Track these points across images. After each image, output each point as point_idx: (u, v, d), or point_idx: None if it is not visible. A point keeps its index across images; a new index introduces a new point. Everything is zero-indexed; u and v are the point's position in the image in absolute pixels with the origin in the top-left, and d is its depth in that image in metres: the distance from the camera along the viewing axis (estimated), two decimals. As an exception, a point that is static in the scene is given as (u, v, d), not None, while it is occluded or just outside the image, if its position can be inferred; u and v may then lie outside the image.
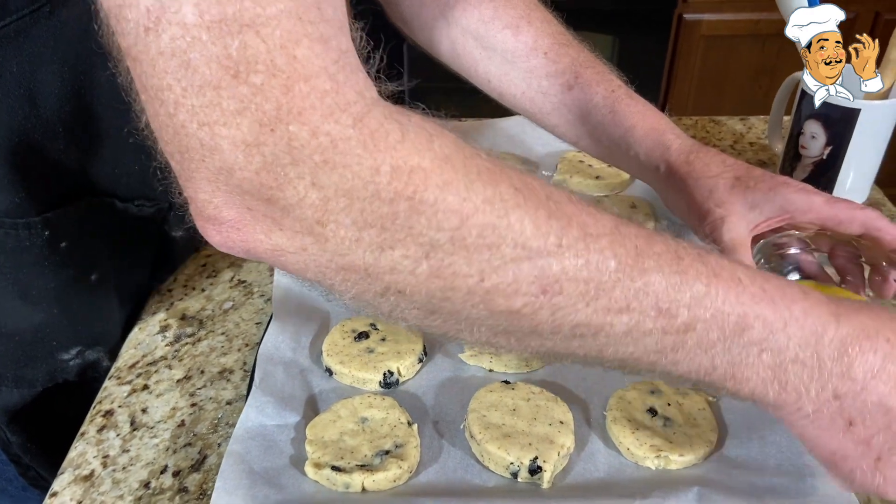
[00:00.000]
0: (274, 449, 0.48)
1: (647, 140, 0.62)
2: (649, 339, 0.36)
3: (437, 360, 0.57)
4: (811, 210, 0.54)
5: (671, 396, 0.51)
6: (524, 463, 0.47)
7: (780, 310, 0.37)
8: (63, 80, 0.49)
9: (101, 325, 0.62)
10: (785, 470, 0.46)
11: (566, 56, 0.67)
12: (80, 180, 0.54)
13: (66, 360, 0.61)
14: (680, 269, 0.35)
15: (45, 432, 0.63)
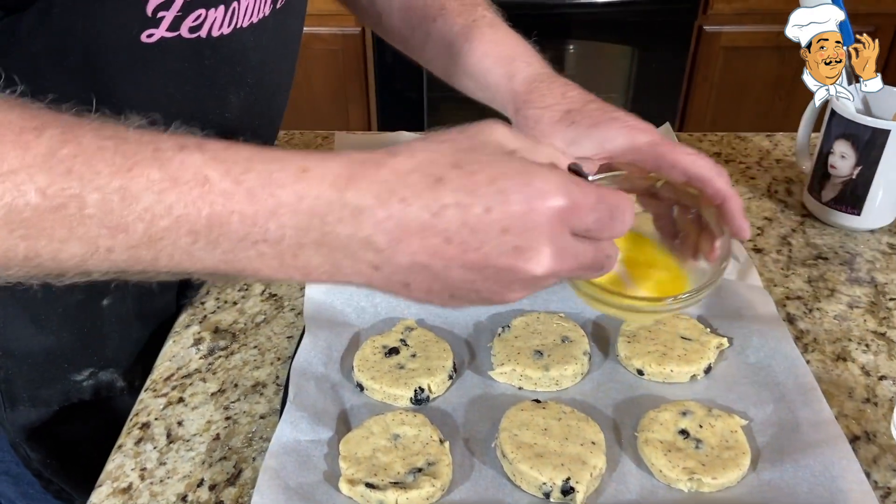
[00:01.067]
0: (308, 464, 0.49)
1: (496, 68, 0.60)
2: (118, 255, 0.36)
3: (466, 376, 0.57)
4: (632, 150, 0.51)
5: (703, 418, 0.51)
6: (556, 483, 0.47)
7: (262, 200, 0.36)
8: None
9: (113, 347, 0.62)
10: (818, 494, 0.46)
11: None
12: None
13: (79, 380, 0.62)
14: (124, 185, 0.35)
15: (64, 449, 0.65)
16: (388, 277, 0.37)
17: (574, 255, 0.38)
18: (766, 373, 0.55)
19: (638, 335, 0.58)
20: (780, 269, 0.68)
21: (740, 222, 0.50)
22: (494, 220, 0.35)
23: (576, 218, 0.37)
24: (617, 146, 0.51)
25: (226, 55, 0.55)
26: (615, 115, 0.53)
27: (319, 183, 0.36)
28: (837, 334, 0.60)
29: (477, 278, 0.37)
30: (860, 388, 0.56)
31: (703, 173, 0.49)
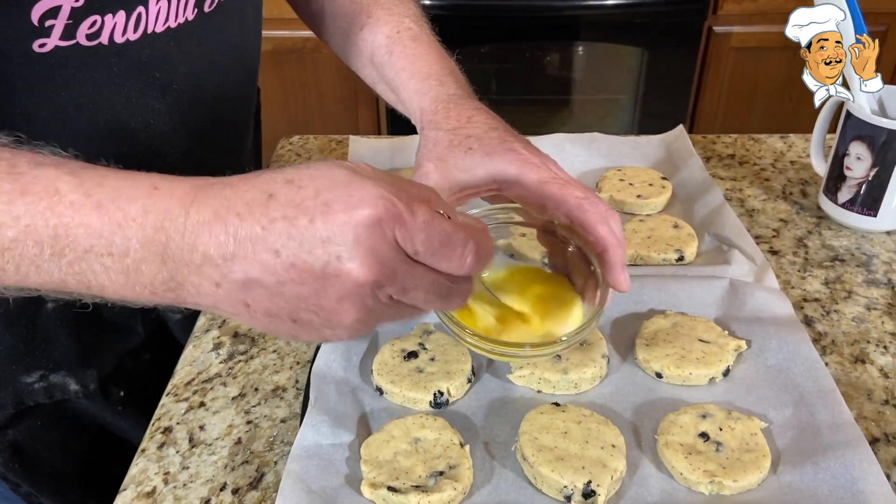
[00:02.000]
0: (330, 468, 0.49)
1: (411, 83, 0.60)
2: None
3: (485, 380, 0.57)
4: (518, 185, 0.51)
5: (723, 421, 0.51)
6: (578, 486, 0.47)
7: (110, 213, 0.37)
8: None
9: (62, 350, 0.62)
10: (838, 496, 0.46)
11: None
12: None
13: (30, 382, 0.62)
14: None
15: (26, 452, 0.65)
16: (229, 295, 0.38)
17: (405, 273, 0.38)
18: (785, 375, 0.55)
19: (656, 338, 0.58)
20: (797, 271, 0.68)
21: (616, 274, 0.49)
22: (318, 230, 0.36)
23: (401, 234, 0.37)
24: (507, 178, 0.51)
25: (137, 61, 0.54)
26: (513, 147, 0.52)
27: (167, 199, 0.37)
28: (855, 336, 0.60)
29: (309, 294, 0.37)
30: (879, 389, 0.56)
31: (587, 218, 0.49)
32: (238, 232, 0.37)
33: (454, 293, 0.41)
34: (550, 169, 0.51)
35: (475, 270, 0.40)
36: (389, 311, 0.40)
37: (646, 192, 0.76)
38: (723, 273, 0.64)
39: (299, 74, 1.93)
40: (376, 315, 0.39)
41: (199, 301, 0.39)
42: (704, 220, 0.72)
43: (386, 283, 0.38)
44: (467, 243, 0.39)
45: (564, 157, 0.83)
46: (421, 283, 0.39)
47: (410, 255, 0.38)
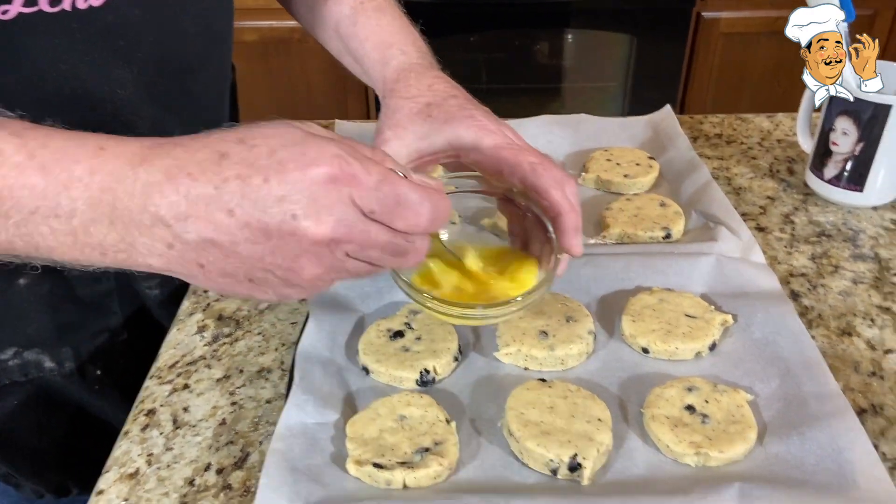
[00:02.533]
0: (315, 447, 0.49)
1: (373, 53, 0.61)
2: None
3: (471, 358, 0.57)
4: (476, 150, 0.51)
5: (709, 394, 0.51)
6: (564, 460, 0.47)
7: (55, 174, 0.36)
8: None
9: (36, 327, 0.62)
10: (825, 466, 0.46)
11: None
12: None
13: (5, 360, 0.62)
14: None
15: (3, 431, 0.64)
16: (183, 256, 0.38)
17: (361, 231, 0.38)
18: (771, 348, 0.55)
19: (643, 314, 0.58)
20: (784, 246, 0.68)
21: (569, 239, 0.50)
22: (272, 188, 0.36)
23: (356, 192, 0.37)
24: (464, 144, 0.52)
25: (101, 28, 0.53)
26: (471, 114, 0.53)
27: (115, 159, 0.37)
28: (842, 310, 0.60)
29: (265, 253, 0.37)
30: (866, 362, 0.56)
31: (540, 183, 0.49)
32: (190, 192, 0.36)
33: (410, 251, 0.41)
34: (507, 135, 0.52)
35: (431, 229, 0.40)
36: (346, 269, 0.40)
37: (633, 172, 0.76)
38: (709, 249, 0.64)
39: (287, 65, 1.92)
40: (333, 272, 0.39)
41: (150, 262, 0.38)
42: (691, 198, 0.72)
43: (342, 241, 0.38)
44: (423, 202, 0.39)
45: (552, 140, 0.83)
46: (377, 241, 0.39)
47: (366, 214, 0.38)
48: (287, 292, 0.40)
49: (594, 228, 0.71)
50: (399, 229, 0.39)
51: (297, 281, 0.39)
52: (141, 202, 0.36)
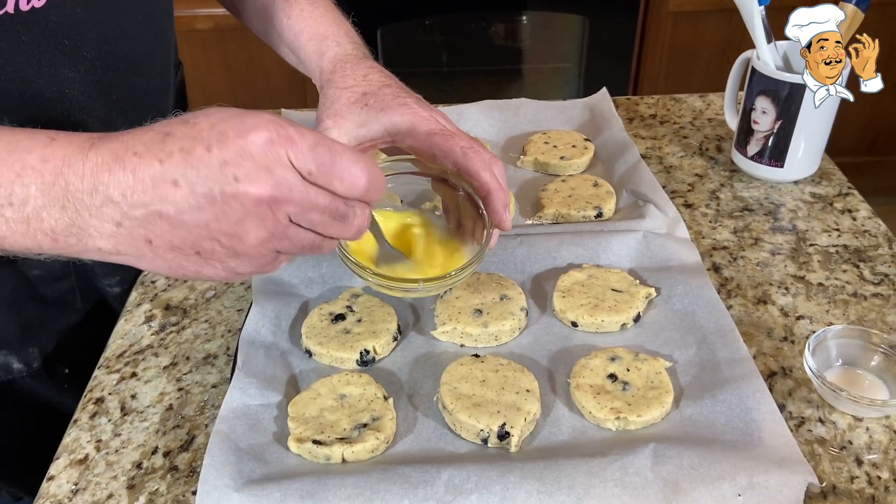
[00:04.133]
0: (258, 427, 0.51)
1: (309, 45, 0.64)
2: None
3: (411, 337, 0.60)
4: (410, 136, 0.55)
5: (630, 362, 0.55)
6: (493, 429, 0.50)
7: (8, 164, 0.39)
8: None
9: (0, 329, 0.63)
10: (733, 425, 0.50)
11: None
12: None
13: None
14: None
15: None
16: (131, 233, 0.39)
17: (301, 192, 0.40)
18: (690, 318, 0.58)
19: (572, 290, 0.61)
20: (709, 222, 0.71)
21: (500, 216, 0.54)
22: (214, 156, 0.38)
23: (293, 153, 0.39)
24: (399, 131, 0.55)
25: (45, 28, 0.54)
26: (404, 102, 0.56)
27: (66, 147, 0.39)
28: (759, 279, 0.64)
29: (210, 219, 0.39)
30: (778, 327, 0.59)
31: (471, 165, 0.53)
32: (137, 169, 0.38)
33: (350, 216, 0.43)
34: (439, 121, 0.55)
35: (368, 194, 0.42)
36: (289, 236, 0.41)
37: (569, 154, 0.79)
38: (637, 226, 0.67)
39: (244, 52, 1.91)
40: (277, 239, 0.41)
41: (101, 245, 0.40)
42: (622, 177, 0.75)
43: (283, 202, 0.39)
44: (358, 163, 0.41)
45: (493, 123, 0.86)
46: (317, 202, 0.41)
47: (305, 176, 0.40)
48: (234, 264, 0.42)
49: (531, 209, 0.73)
50: (338, 192, 0.41)
51: (243, 248, 0.40)
52: (91, 183, 0.38)
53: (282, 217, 0.40)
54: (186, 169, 0.38)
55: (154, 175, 0.38)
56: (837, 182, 0.76)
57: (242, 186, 0.38)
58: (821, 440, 0.50)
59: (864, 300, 0.62)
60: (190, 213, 0.39)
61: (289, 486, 0.46)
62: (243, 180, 0.38)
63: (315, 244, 0.44)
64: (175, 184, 0.38)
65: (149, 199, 0.38)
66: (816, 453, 0.50)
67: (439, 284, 0.54)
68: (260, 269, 0.43)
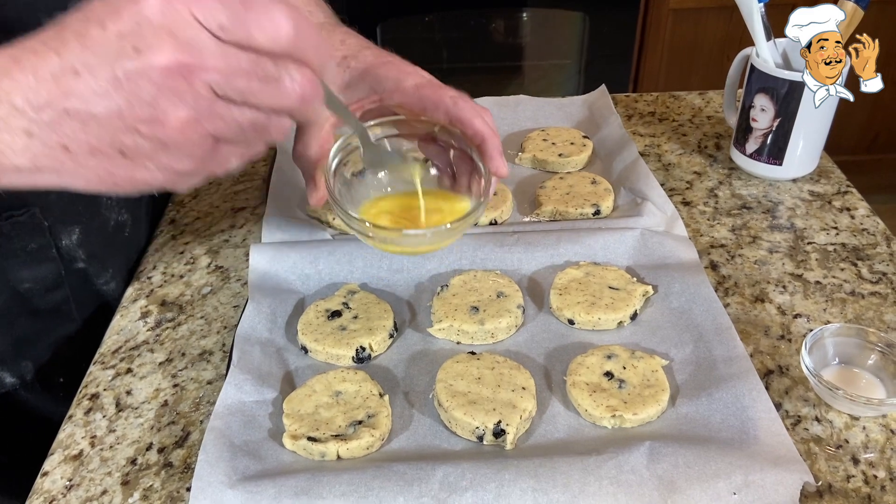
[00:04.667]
0: (253, 423, 0.51)
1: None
2: None
3: (407, 335, 0.60)
4: (399, 91, 0.54)
5: (627, 360, 0.55)
6: (489, 427, 0.50)
7: None
8: None
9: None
10: (729, 423, 0.50)
11: None
12: None
13: None
14: None
15: None
16: (45, 142, 0.36)
17: (214, 53, 0.35)
18: (686, 316, 0.58)
19: (569, 287, 0.61)
20: (707, 219, 0.71)
21: (496, 162, 0.53)
22: (109, 32, 0.35)
23: (198, 8, 0.35)
24: (386, 88, 0.54)
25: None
26: (388, 60, 0.55)
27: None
28: (757, 277, 0.64)
29: (121, 105, 0.35)
30: (776, 326, 0.59)
31: (462, 114, 0.52)
32: (37, 69, 0.35)
33: (285, 79, 0.38)
34: (424, 76, 0.55)
35: (299, 48, 0.38)
36: (222, 114, 0.37)
37: (567, 151, 0.79)
38: (635, 224, 0.67)
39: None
40: (206, 117, 0.37)
41: (17, 162, 0.37)
42: (621, 175, 0.75)
43: (196, 68, 0.35)
44: (275, 7, 0.36)
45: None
46: (238, 65, 0.36)
47: (216, 33, 0.35)
48: (167, 160, 0.37)
49: (529, 206, 0.73)
50: (261, 46, 0.36)
51: (168, 135, 0.36)
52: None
53: (201, 88, 0.36)
54: (84, 53, 0.35)
55: (53, 69, 0.35)
56: (836, 180, 0.76)
57: (144, 58, 0.34)
58: (817, 439, 0.50)
59: (862, 299, 0.61)
60: (98, 103, 0.35)
61: (283, 483, 0.46)
62: (144, 50, 0.34)
63: (258, 124, 0.39)
64: (76, 74, 0.35)
65: (52, 96, 0.35)
66: (813, 452, 0.49)
67: (449, 231, 0.51)
68: (201, 163, 0.39)
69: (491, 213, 0.70)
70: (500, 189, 0.73)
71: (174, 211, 0.75)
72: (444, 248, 0.61)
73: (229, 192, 0.78)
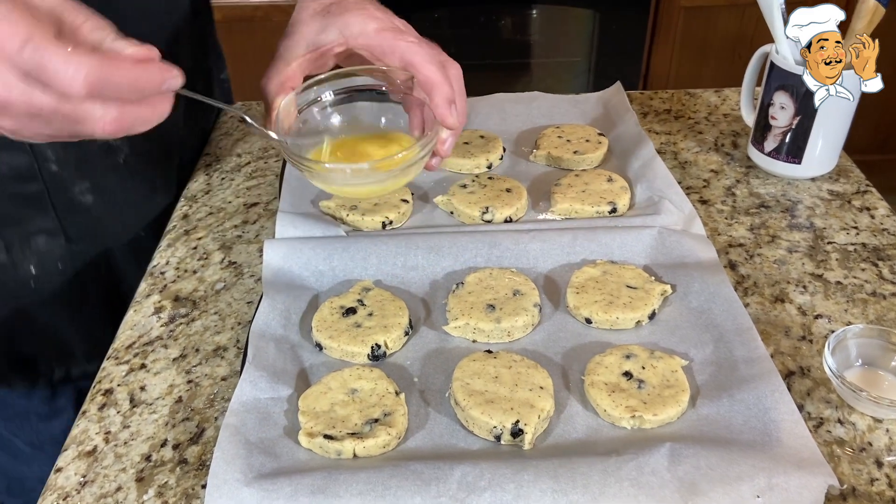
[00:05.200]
0: (268, 420, 0.51)
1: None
2: None
3: (422, 332, 0.59)
4: (361, 35, 0.56)
5: (646, 360, 0.54)
6: (506, 426, 0.49)
7: None
8: None
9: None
10: (751, 425, 0.49)
11: None
12: None
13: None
14: None
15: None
16: None
17: (21, 94, 0.39)
18: (706, 316, 0.58)
19: (586, 286, 0.60)
20: (724, 218, 0.70)
21: (441, 110, 0.56)
22: None
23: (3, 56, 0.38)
24: (353, 32, 0.57)
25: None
26: (363, 6, 0.58)
27: None
28: (776, 277, 0.63)
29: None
30: (796, 326, 0.59)
31: (415, 60, 0.55)
32: None
33: (89, 120, 0.41)
34: (393, 22, 0.57)
35: (98, 89, 0.40)
36: (38, 130, 0.41)
37: (582, 148, 0.78)
38: (652, 222, 0.66)
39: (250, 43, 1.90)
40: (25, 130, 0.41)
41: None
42: (637, 173, 0.74)
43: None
44: (70, 62, 0.39)
45: (505, 118, 0.85)
46: (40, 106, 0.39)
47: (23, 76, 0.39)
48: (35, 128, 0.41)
49: (544, 204, 0.73)
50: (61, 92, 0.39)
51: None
52: None
53: (6, 123, 0.40)
54: None
55: None
56: (855, 179, 0.75)
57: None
58: (840, 441, 0.50)
59: (884, 299, 0.61)
60: None
61: (300, 481, 0.45)
62: None
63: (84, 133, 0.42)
64: None
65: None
66: (835, 454, 0.49)
67: (369, 171, 0.56)
68: (56, 132, 0.42)
69: (506, 210, 0.69)
70: (514, 186, 0.72)
71: (186, 206, 0.75)
72: (390, 192, 0.65)
73: (242, 187, 0.77)
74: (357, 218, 0.69)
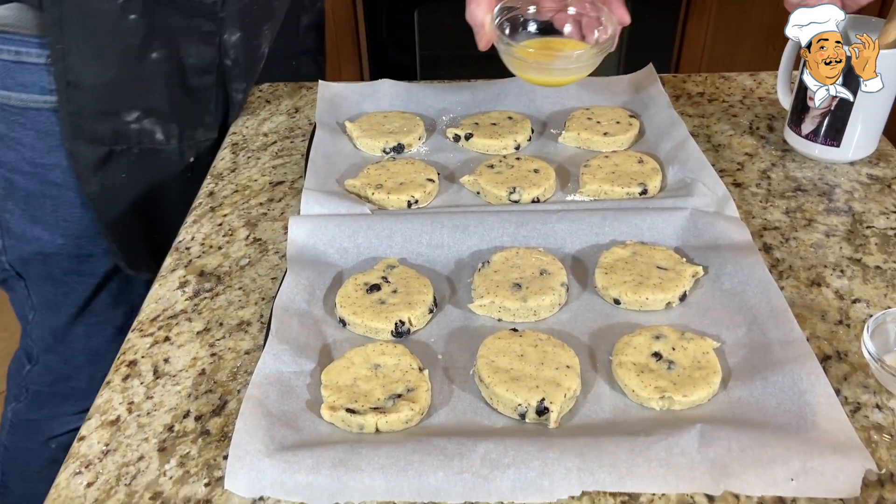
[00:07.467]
0: (291, 393, 0.50)
1: None
2: None
3: (447, 310, 0.58)
4: None
5: (676, 341, 0.52)
6: (531, 404, 0.48)
7: None
8: None
9: (156, 99, 0.76)
10: (786, 408, 0.48)
11: None
12: None
13: (128, 122, 0.76)
14: None
15: (115, 189, 0.80)
16: None
17: None
18: (739, 298, 0.56)
19: (615, 266, 0.59)
20: (759, 201, 0.69)
21: (618, 8, 0.68)
22: None
23: None
24: None
25: None
26: None
27: None
28: (813, 261, 0.61)
29: None
30: (833, 310, 0.57)
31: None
32: None
33: None
34: None
35: None
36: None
37: (612, 130, 0.76)
38: (684, 204, 0.64)
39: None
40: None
41: None
42: (669, 154, 0.72)
43: None
44: None
45: (534, 99, 0.84)
46: None
47: None
48: None
49: (572, 185, 0.71)
50: None
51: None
52: None
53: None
54: None
55: None
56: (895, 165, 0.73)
57: None
58: (878, 426, 0.48)
59: (925, 285, 0.59)
60: None
61: (321, 454, 0.45)
62: None
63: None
64: None
65: None
66: (873, 440, 0.47)
67: (574, 64, 0.68)
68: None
69: (533, 191, 0.68)
70: (542, 167, 0.71)
71: (212, 184, 0.75)
72: (571, 83, 0.74)
73: (268, 166, 0.77)
74: (382, 196, 0.68)
